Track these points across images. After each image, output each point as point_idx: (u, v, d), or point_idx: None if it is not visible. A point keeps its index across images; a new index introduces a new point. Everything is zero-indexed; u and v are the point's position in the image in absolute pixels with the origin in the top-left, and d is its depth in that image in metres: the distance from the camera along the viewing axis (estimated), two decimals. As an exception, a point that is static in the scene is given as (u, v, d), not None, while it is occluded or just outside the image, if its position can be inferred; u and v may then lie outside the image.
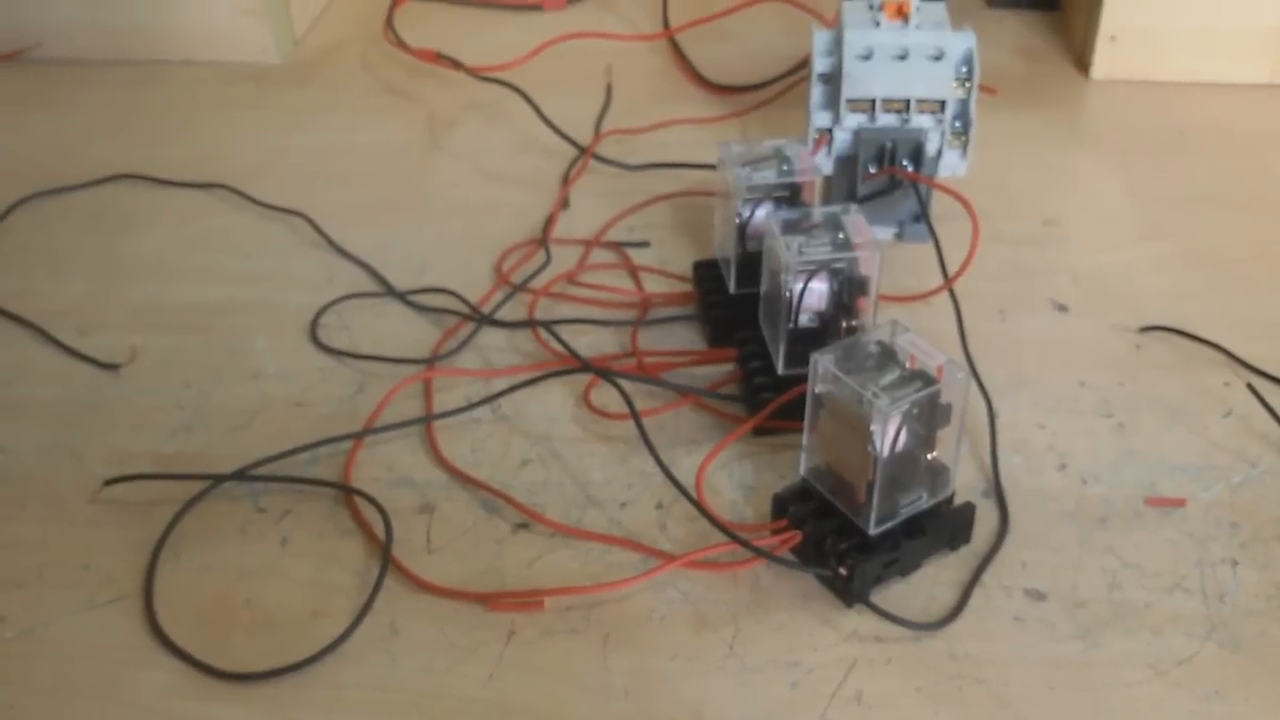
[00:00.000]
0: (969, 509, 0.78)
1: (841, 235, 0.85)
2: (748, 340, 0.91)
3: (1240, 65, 1.27)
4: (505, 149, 1.20)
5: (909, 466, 0.74)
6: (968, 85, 0.97)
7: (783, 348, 0.86)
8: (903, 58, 0.96)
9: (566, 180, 1.14)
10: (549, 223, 1.08)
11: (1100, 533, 0.80)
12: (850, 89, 0.97)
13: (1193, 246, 1.05)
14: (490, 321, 0.97)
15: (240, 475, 0.83)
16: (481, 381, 0.92)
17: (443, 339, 0.96)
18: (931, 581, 0.77)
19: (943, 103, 0.97)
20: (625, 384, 0.87)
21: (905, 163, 0.99)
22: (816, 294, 0.85)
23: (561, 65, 1.31)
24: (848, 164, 1.00)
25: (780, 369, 0.86)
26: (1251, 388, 0.90)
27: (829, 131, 0.99)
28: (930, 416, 0.74)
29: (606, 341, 0.96)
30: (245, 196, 1.13)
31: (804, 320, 0.85)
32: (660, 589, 0.76)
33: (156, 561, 0.78)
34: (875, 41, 0.96)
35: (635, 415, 0.84)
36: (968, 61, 0.96)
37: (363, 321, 0.98)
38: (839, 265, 0.84)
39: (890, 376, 0.73)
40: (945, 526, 0.77)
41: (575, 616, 0.75)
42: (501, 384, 0.91)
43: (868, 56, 0.96)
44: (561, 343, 0.94)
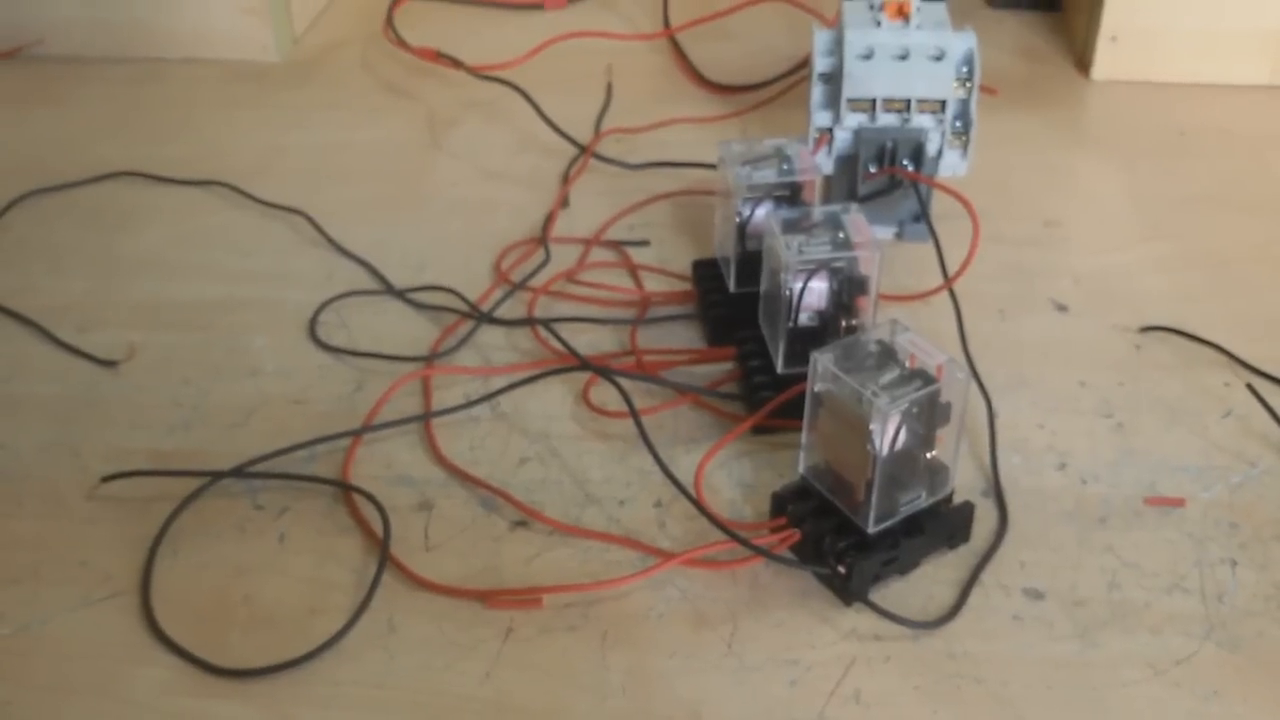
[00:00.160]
0: (968, 508, 0.78)
1: (841, 234, 0.85)
2: (747, 339, 0.91)
3: (1241, 66, 1.27)
4: (505, 148, 1.20)
5: (908, 465, 0.74)
6: (968, 85, 0.97)
7: (782, 346, 0.85)
8: (903, 58, 0.96)
9: (566, 179, 1.14)
10: (548, 221, 1.08)
11: (1099, 532, 0.79)
12: (851, 88, 0.97)
13: (1193, 247, 1.05)
14: (489, 319, 0.97)
15: (238, 472, 0.83)
16: (480, 379, 0.92)
17: (442, 337, 0.96)
18: (930, 580, 0.76)
19: (943, 103, 0.97)
20: (624, 382, 0.87)
21: (906, 162, 0.99)
22: (816, 293, 0.85)
23: (562, 64, 1.31)
24: (848, 163, 1.00)
25: (780, 368, 0.86)
26: (1251, 388, 0.90)
27: (829, 131, 0.99)
28: (929, 415, 0.73)
29: (606, 340, 0.96)
30: (245, 194, 1.13)
31: (804, 319, 0.85)
32: (659, 587, 0.76)
33: (154, 558, 0.78)
34: (876, 41, 0.96)
35: (634, 413, 0.84)
36: (968, 62, 0.96)
37: (361, 319, 0.98)
38: (839, 264, 0.84)
39: (890, 375, 0.73)
40: (944, 525, 0.77)
41: (573, 614, 0.74)
42: (500, 382, 0.91)
43: (868, 56, 0.96)
44: (561, 341, 0.94)
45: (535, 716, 0.69)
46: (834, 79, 0.98)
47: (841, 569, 0.74)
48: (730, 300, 0.94)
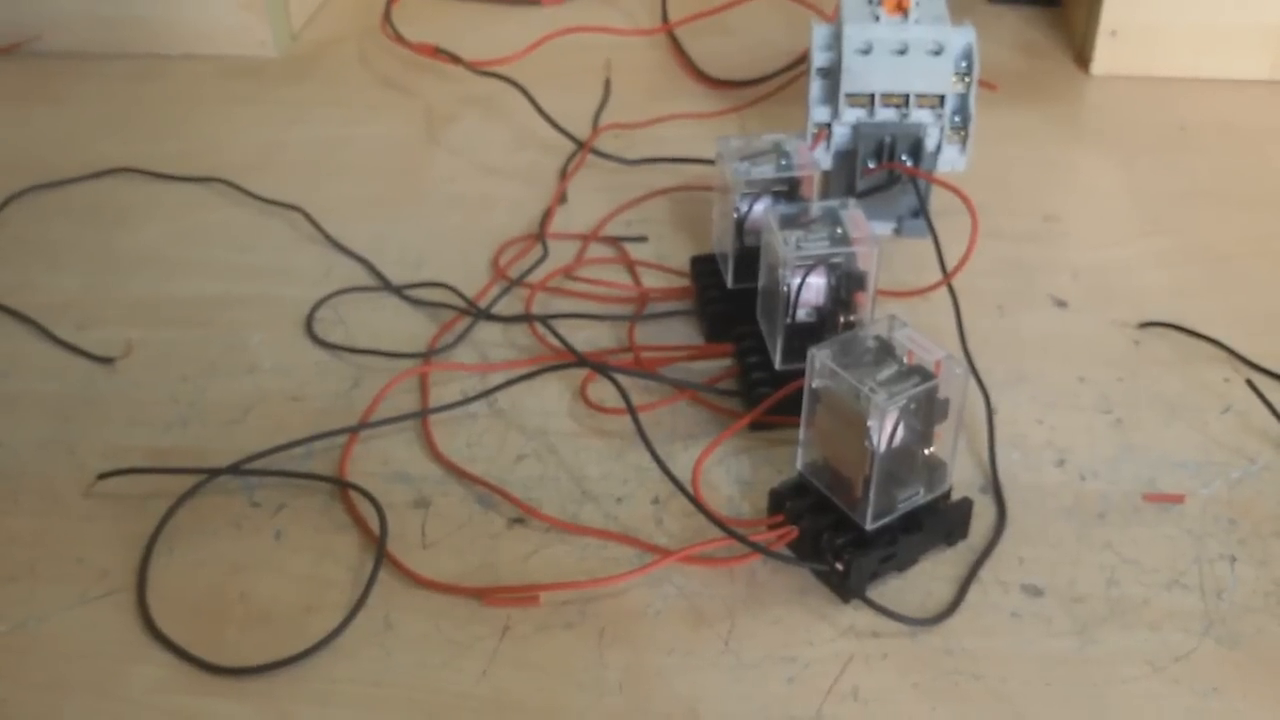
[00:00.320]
0: (966, 504, 0.78)
1: (840, 230, 0.84)
2: (745, 335, 0.90)
3: (1241, 61, 1.27)
4: (503, 143, 1.20)
5: (906, 462, 0.74)
6: (967, 80, 0.97)
7: (780, 343, 0.85)
8: (902, 52, 0.96)
9: (564, 175, 1.14)
10: (546, 217, 1.08)
11: (1098, 528, 0.79)
12: (849, 84, 0.96)
13: (1193, 242, 1.05)
14: (487, 316, 0.97)
15: (235, 469, 0.83)
16: (478, 376, 0.92)
17: (439, 333, 0.96)
18: (928, 577, 0.76)
19: (942, 98, 0.97)
20: (622, 379, 0.87)
21: (904, 158, 0.98)
22: (814, 289, 0.84)
23: (560, 60, 1.30)
24: (846, 159, 1.00)
25: (778, 364, 0.86)
26: (1251, 384, 0.90)
27: (828, 126, 0.99)
28: (928, 412, 0.73)
29: (603, 336, 0.95)
30: (243, 190, 1.12)
31: (802, 315, 0.85)
32: (656, 584, 0.76)
33: (150, 555, 0.78)
34: (874, 36, 0.96)
35: (632, 410, 0.84)
36: (967, 56, 0.96)
37: (359, 316, 0.98)
38: (837, 260, 0.84)
39: (888, 371, 0.72)
40: (942, 522, 0.77)
41: (570, 611, 0.74)
42: (498, 378, 0.91)
43: (867, 51, 0.96)
44: (558, 337, 0.94)
45: (532, 714, 0.69)
46: (832, 74, 0.97)
47: (839, 566, 0.73)
48: (728, 296, 0.94)
